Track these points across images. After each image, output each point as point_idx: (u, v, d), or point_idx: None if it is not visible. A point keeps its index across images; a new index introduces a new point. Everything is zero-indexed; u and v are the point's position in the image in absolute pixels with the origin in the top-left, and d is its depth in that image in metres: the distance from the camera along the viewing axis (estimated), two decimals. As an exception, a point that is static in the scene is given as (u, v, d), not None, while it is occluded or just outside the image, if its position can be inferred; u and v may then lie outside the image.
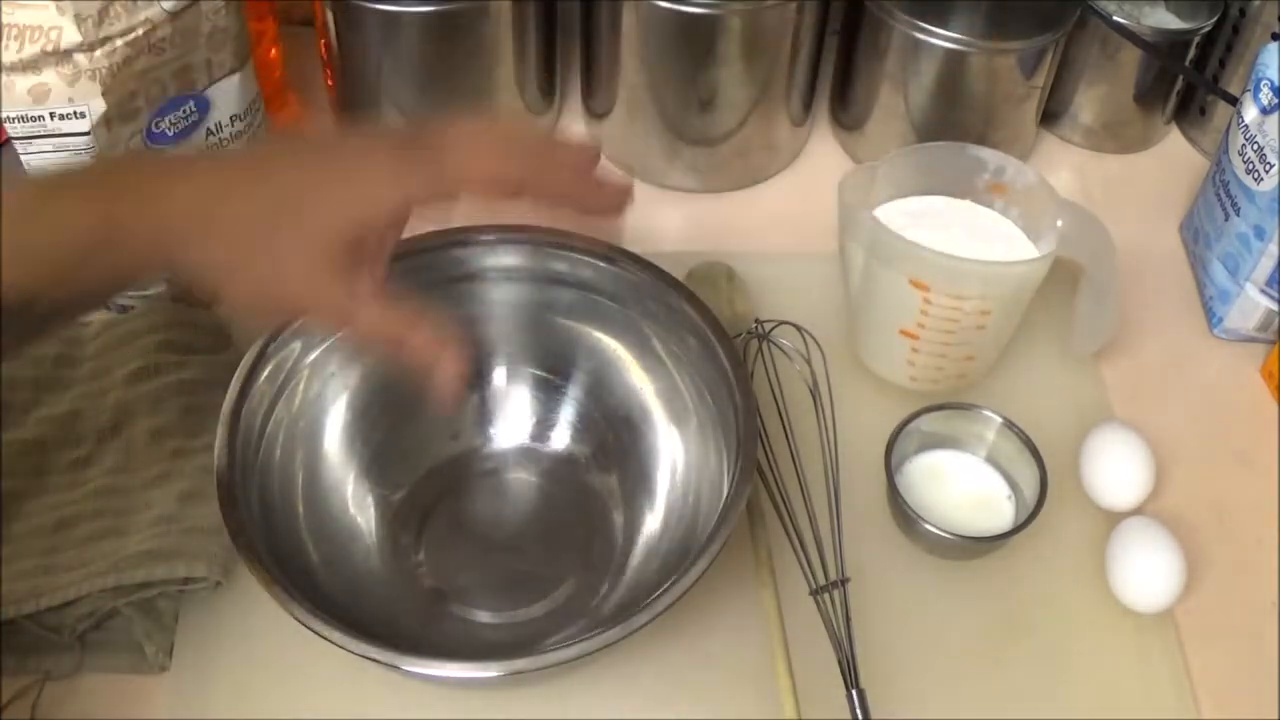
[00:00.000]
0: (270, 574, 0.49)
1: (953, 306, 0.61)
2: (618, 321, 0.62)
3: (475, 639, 0.58)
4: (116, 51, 0.58)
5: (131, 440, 0.61)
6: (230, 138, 0.68)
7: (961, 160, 0.66)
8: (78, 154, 0.59)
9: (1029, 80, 0.77)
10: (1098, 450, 0.64)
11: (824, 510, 0.61)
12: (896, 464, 0.62)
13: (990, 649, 0.59)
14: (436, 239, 0.61)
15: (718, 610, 0.58)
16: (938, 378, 0.67)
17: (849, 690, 0.54)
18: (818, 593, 0.58)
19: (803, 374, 0.66)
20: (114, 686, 0.56)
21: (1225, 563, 0.62)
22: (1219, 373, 0.73)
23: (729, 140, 0.79)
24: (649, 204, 0.81)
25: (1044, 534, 0.61)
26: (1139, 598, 0.59)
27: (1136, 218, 0.80)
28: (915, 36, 0.74)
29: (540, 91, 0.81)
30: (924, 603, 0.60)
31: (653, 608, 0.48)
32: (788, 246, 0.78)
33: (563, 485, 0.63)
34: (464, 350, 0.48)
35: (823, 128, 0.87)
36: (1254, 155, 0.69)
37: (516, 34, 0.75)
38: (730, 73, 0.75)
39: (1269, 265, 0.69)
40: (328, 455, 0.60)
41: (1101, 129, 0.86)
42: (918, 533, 0.60)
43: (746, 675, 0.57)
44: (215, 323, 0.67)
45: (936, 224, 0.65)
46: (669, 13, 0.72)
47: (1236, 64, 0.82)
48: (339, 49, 0.75)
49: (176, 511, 0.58)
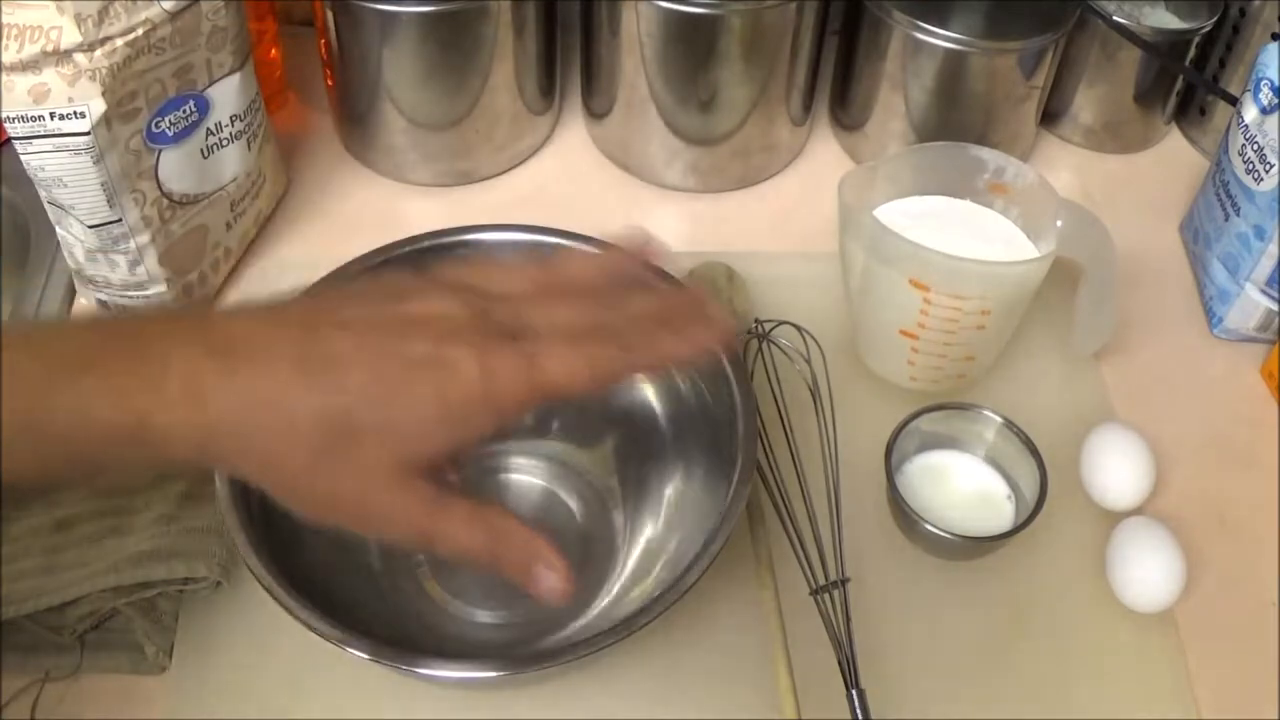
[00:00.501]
0: (270, 574, 0.49)
1: (953, 306, 0.61)
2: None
3: (475, 639, 0.58)
4: (116, 51, 0.58)
5: (131, 440, 0.61)
6: (230, 137, 0.68)
7: (961, 160, 0.66)
8: (78, 154, 0.59)
9: (1029, 80, 0.77)
10: (1098, 450, 0.64)
11: (824, 510, 0.61)
12: (896, 464, 0.62)
13: (990, 649, 0.59)
14: (437, 239, 0.61)
15: (718, 610, 0.58)
16: (938, 378, 0.67)
17: (849, 690, 0.54)
18: (818, 593, 0.58)
19: (803, 374, 0.66)
20: (114, 686, 0.56)
21: (1225, 563, 0.62)
22: (1219, 373, 0.73)
23: (729, 140, 0.79)
24: (649, 204, 0.81)
25: (1044, 534, 0.61)
26: (1139, 598, 0.59)
27: (1136, 218, 0.80)
28: (915, 36, 0.74)
29: (540, 91, 0.81)
30: (924, 603, 0.60)
31: (653, 608, 0.48)
32: (788, 246, 0.78)
33: (563, 485, 0.63)
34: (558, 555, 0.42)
35: (823, 128, 0.87)
36: (1254, 155, 0.69)
37: (516, 34, 0.75)
38: (730, 73, 0.75)
39: (1269, 265, 0.69)
40: (328, 455, 0.60)
41: (1101, 129, 0.86)
42: (918, 533, 0.60)
43: (746, 675, 0.57)
44: (215, 323, 0.67)
45: (936, 224, 0.65)
46: (669, 13, 0.72)
47: (1236, 64, 0.82)
48: (339, 49, 0.75)
49: (176, 511, 0.58)
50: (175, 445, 0.38)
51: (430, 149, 0.79)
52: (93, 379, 0.37)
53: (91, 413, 0.37)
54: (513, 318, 0.41)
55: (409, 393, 0.38)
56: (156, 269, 0.67)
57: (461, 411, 0.39)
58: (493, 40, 0.74)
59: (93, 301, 0.70)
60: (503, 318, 0.40)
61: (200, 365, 0.38)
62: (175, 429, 0.37)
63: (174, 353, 0.38)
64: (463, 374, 0.38)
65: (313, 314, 0.40)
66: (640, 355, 0.42)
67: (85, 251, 0.66)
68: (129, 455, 0.38)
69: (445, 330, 0.39)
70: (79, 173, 0.60)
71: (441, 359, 0.39)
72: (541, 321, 0.41)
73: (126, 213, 0.63)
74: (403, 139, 0.78)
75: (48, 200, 0.64)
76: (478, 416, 0.39)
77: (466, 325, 0.40)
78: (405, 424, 0.38)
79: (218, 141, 0.68)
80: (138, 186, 0.63)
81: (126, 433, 0.37)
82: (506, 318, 0.40)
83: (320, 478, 0.39)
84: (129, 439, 0.37)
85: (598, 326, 0.42)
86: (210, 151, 0.67)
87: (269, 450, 0.38)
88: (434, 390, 0.38)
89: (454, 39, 0.73)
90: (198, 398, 0.37)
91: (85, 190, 0.61)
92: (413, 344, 0.39)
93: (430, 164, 0.80)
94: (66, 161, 0.60)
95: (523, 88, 0.78)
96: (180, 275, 0.69)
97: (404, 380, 0.38)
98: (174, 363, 0.38)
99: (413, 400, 0.38)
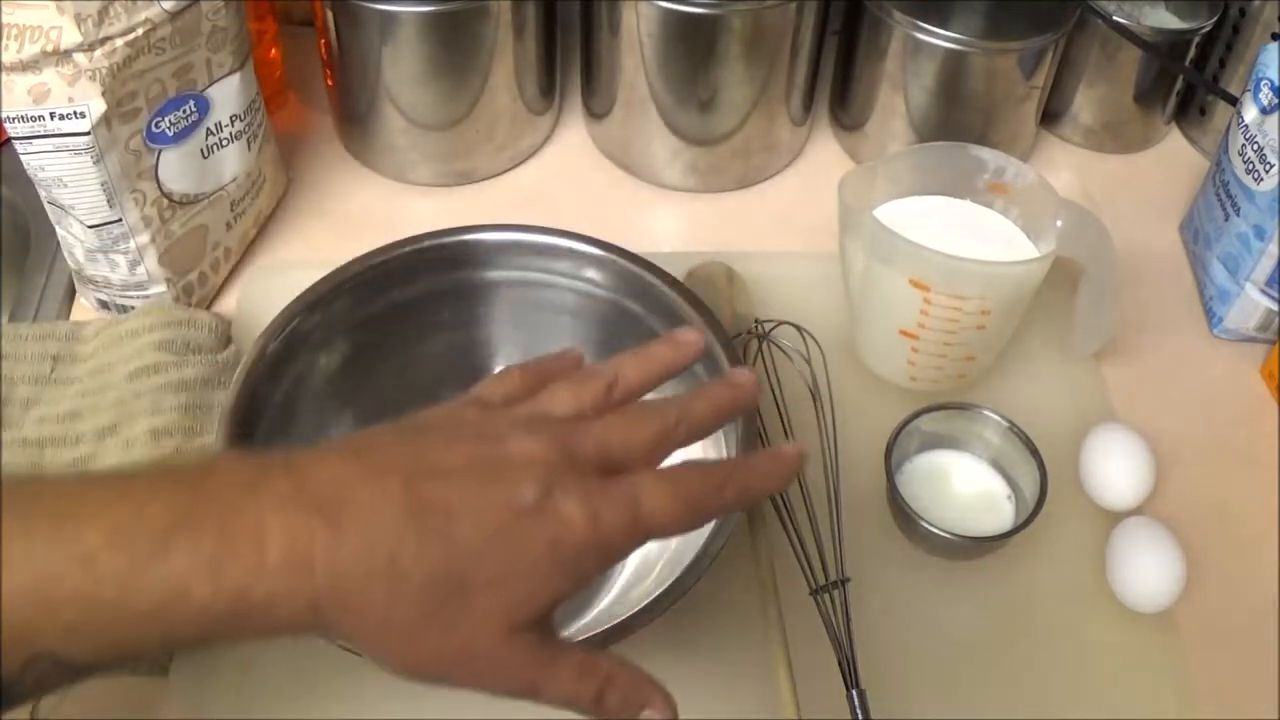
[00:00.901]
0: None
1: (953, 306, 0.61)
2: (618, 322, 0.62)
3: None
4: (116, 51, 0.58)
5: (131, 440, 0.61)
6: (230, 137, 0.68)
7: (961, 160, 0.66)
8: (78, 154, 0.59)
9: (1029, 80, 0.77)
10: (1098, 450, 0.64)
11: (824, 510, 0.61)
12: (896, 464, 0.62)
13: (990, 649, 0.59)
14: (437, 239, 0.61)
15: (718, 610, 0.58)
16: (938, 378, 0.67)
17: (849, 690, 0.54)
18: (818, 593, 0.58)
19: (803, 374, 0.66)
20: (114, 686, 0.56)
21: (1225, 563, 0.62)
22: (1219, 373, 0.73)
23: (729, 140, 0.79)
24: (649, 204, 0.81)
25: (1044, 534, 0.61)
26: (1139, 598, 0.59)
27: (1136, 218, 0.80)
28: (915, 36, 0.74)
29: (540, 91, 0.81)
30: (924, 603, 0.60)
31: (653, 608, 0.48)
32: (788, 246, 0.78)
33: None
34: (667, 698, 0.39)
35: (823, 128, 0.87)
36: (1254, 155, 0.69)
37: (516, 34, 0.75)
38: (730, 73, 0.75)
39: (1269, 265, 0.69)
40: (328, 455, 0.60)
41: (1101, 129, 0.86)
42: (918, 533, 0.60)
43: (746, 675, 0.57)
44: (215, 322, 0.67)
45: (936, 224, 0.65)
46: (669, 13, 0.72)
47: (1236, 64, 0.82)
48: (339, 49, 0.75)
49: (176, 511, 0.58)
50: (279, 615, 0.35)
51: (430, 149, 0.79)
52: (181, 555, 0.34)
53: (186, 593, 0.34)
54: (598, 448, 0.39)
55: (521, 545, 0.36)
56: (156, 269, 0.67)
57: (574, 561, 0.37)
58: (493, 40, 0.74)
59: (93, 302, 0.70)
60: (589, 451, 0.39)
61: (302, 527, 0.35)
62: (280, 599, 0.34)
63: (269, 515, 0.35)
64: (573, 522, 0.37)
65: (410, 458, 0.38)
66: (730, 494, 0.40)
67: (85, 251, 0.66)
68: (229, 629, 0.35)
69: (546, 474, 0.37)
70: (79, 173, 0.60)
71: (551, 507, 0.37)
72: (619, 445, 0.40)
73: (126, 213, 0.63)
74: (403, 139, 0.78)
75: (48, 200, 0.64)
76: (588, 564, 0.38)
77: (562, 465, 0.38)
78: (518, 577, 0.36)
79: (218, 141, 0.68)
80: (138, 186, 0.63)
81: (226, 607, 0.34)
82: (592, 450, 0.39)
83: (429, 635, 0.36)
84: (229, 614, 0.34)
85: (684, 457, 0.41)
86: (210, 151, 0.67)
87: (382, 612, 0.36)
88: (547, 541, 0.37)
89: (454, 39, 0.73)
90: (305, 564, 0.34)
91: (85, 190, 0.61)
92: (520, 491, 0.37)
93: (430, 164, 0.80)
94: (66, 161, 0.60)
95: (523, 88, 0.78)
96: (180, 275, 0.69)
97: (515, 532, 0.36)
98: (271, 525, 0.34)
99: (525, 553, 0.36)
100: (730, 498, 0.40)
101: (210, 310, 0.71)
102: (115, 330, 0.66)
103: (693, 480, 0.40)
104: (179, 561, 0.34)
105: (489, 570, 0.36)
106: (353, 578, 0.35)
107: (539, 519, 0.37)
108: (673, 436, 0.41)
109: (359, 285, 0.60)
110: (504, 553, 0.36)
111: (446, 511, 0.36)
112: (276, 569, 0.34)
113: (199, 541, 0.34)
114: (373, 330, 0.61)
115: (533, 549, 0.36)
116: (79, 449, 0.62)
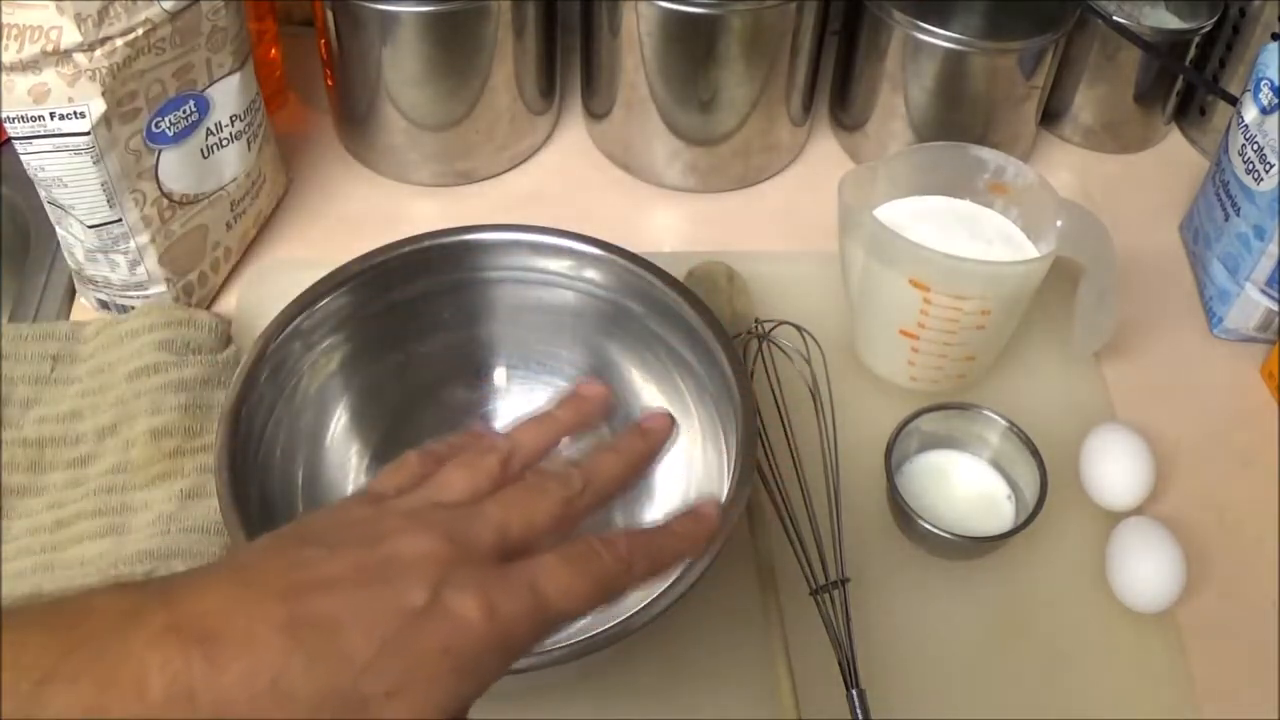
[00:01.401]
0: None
1: (953, 306, 0.61)
2: (618, 321, 0.62)
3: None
4: (116, 51, 0.58)
5: (131, 439, 0.61)
6: (230, 137, 0.68)
7: (961, 160, 0.66)
8: (78, 154, 0.59)
9: (1029, 80, 0.77)
10: (1098, 450, 0.64)
11: (824, 510, 0.61)
12: (896, 464, 0.62)
13: (990, 649, 0.59)
14: (437, 238, 0.61)
15: (718, 610, 0.58)
16: (938, 378, 0.67)
17: (849, 690, 0.54)
18: (818, 593, 0.58)
19: (803, 374, 0.66)
20: None
21: (1225, 563, 0.62)
22: (1219, 373, 0.73)
23: (729, 140, 0.79)
24: (649, 204, 0.81)
25: (1044, 534, 0.61)
26: (1139, 598, 0.59)
27: (1136, 218, 0.80)
28: (915, 36, 0.74)
29: (540, 91, 0.81)
30: (924, 603, 0.60)
31: (653, 608, 0.48)
32: (788, 246, 0.78)
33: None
34: None
35: (823, 128, 0.87)
36: (1254, 155, 0.69)
37: (516, 34, 0.75)
38: (730, 73, 0.75)
39: (1269, 265, 0.69)
40: (328, 455, 0.60)
41: (1101, 129, 0.86)
42: (918, 533, 0.60)
43: (746, 675, 0.57)
44: (215, 322, 0.67)
45: (936, 224, 0.65)
46: (669, 13, 0.72)
47: (1236, 64, 0.82)
48: (339, 49, 0.75)
49: (176, 511, 0.58)
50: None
51: (430, 149, 0.79)
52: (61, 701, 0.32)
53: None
54: (496, 533, 0.38)
55: (415, 651, 0.35)
56: (156, 269, 0.67)
57: (473, 660, 0.36)
58: (493, 40, 0.74)
59: (93, 302, 0.70)
60: (485, 538, 0.38)
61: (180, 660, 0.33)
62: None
63: (147, 652, 0.33)
64: (468, 619, 0.35)
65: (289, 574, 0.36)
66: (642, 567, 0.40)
67: (85, 251, 0.66)
68: None
69: (437, 571, 0.36)
70: (79, 173, 0.60)
71: (442, 607, 0.35)
72: (519, 525, 0.38)
73: (126, 213, 0.63)
74: (403, 139, 0.78)
75: (48, 200, 0.64)
76: (490, 662, 0.36)
77: (455, 559, 0.36)
78: (417, 685, 0.35)
79: (218, 141, 0.68)
80: (138, 186, 0.63)
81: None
82: (489, 537, 0.38)
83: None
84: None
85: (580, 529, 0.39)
86: (210, 151, 0.67)
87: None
88: (440, 643, 0.35)
89: (454, 39, 0.73)
90: (187, 697, 0.33)
91: (85, 190, 0.61)
92: (408, 593, 0.35)
93: (430, 164, 0.80)
94: (66, 161, 0.60)
95: (523, 88, 0.78)
96: (180, 275, 0.69)
97: (407, 637, 0.35)
98: (150, 662, 0.33)
99: (421, 658, 0.35)
100: (641, 570, 0.39)
101: (210, 310, 0.71)
102: (115, 330, 0.66)
103: (600, 556, 0.39)
104: (59, 706, 0.32)
105: (385, 682, 0.34)
106: (237, 705, 0.33)
107: (430, 620, 0.35)
108: (577, 505, 0.40)
109: (359, 285, 0.60)
110: (398, 661, 0.34)
111: (332, 625, 0.34)
112: (159, 706, 0.33)
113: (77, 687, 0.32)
114: (372, 330, 0.61)
115: (428, 653, 0.35)
116: (79, 449, 0.62)
